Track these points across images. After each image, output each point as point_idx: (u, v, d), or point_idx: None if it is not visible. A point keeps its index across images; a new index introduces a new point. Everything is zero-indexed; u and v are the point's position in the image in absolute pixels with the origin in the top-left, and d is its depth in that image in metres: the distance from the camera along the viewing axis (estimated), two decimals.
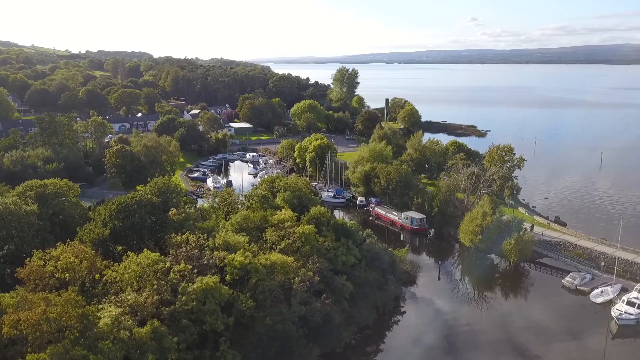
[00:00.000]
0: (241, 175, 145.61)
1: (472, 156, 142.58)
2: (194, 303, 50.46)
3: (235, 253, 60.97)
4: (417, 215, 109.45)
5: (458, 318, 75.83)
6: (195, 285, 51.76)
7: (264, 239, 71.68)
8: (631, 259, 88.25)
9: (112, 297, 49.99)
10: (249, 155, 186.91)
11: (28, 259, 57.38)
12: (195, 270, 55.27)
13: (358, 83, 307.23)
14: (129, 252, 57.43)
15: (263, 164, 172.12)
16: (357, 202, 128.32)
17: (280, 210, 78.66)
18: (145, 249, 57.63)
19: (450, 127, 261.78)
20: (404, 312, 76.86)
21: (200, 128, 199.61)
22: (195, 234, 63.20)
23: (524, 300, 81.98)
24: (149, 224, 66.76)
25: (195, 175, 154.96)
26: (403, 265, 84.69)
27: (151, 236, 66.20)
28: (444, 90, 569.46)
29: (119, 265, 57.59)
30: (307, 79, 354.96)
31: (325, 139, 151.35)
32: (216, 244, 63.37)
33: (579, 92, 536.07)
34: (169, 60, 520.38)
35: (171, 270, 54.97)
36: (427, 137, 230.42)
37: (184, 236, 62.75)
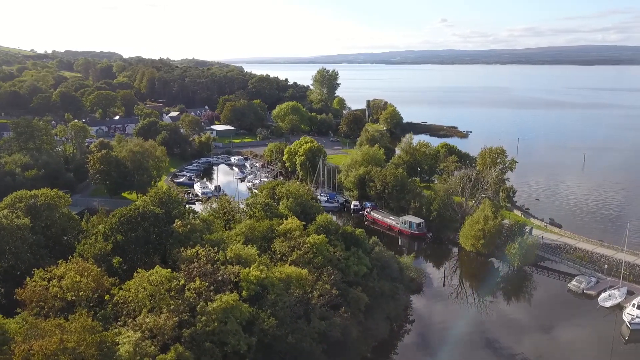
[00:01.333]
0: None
1: (463, 158, 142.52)
2: (215, 324, 47.50)
3: (249, 267, 58.32)
4: (415, 220, 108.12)
5: (469, 326, 74.43)
6: (215, 305, 48.79)
7: (273, 249, 68.92)
8: (632, 261, 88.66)
9: (129, 321, 46.52)
10: (234, 159, 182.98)
11: (28, 278, 53.43)
12: (212, 288, 52.21)
13: (338, 84, 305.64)
14: (138, 269, 53.92)
15: (250, 168, 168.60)
16: (352, 207, 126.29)
17: (286, 219, 76.16)
18: (157, 266, 54.18)
19: (432, 129, 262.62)
20: (413, 321, 75.14)
21: (182, 131, 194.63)
22: (205, 247, 60.05)
23: (533, 305, 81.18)
24: (154, 237, 63.22)
25: (181, 180, 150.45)
26: (409, 272, 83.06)
27: (156, 250, 62.73)
28: (420, 91, 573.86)
29: (126, 283, 54.22)
30: (286, 79, 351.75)
31: (316, 142, 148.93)
32: (227, 258, 60.38)
33: (551, 92, 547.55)
34: (141, 61, 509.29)
35: (186, 288, 51.78)
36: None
37: (193, 250, 59.53)
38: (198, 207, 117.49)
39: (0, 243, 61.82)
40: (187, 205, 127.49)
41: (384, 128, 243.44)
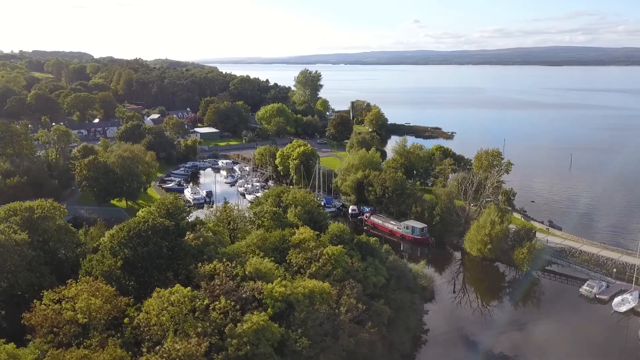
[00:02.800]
0: (244, 188, 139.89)
1: (458, 161, 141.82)
2: (248, 347, 44.41)
3: (270, 282, 55.32)
4: (418, 225, 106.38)
5: (486, 334, 72.95)
6: (245, 326, 45.68)
7: (288, 261, 65.96)
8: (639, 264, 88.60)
9: (157, 348, 42.98)
10: (221, 163, 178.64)
11: (36, 302, 49.35)
12: (237, 307, 49.04)
13: (321, 86, 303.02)
14: (157, 289, 50.32)
15: (239, 172, 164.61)
16: (349, 211, 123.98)
17: (297, 228, 73.32)
18: (178, 285, 50.67)
19: (416, 130, 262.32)
20: (428, 330, 73.31)
21: (167, 134, 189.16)
22: (224, 262, 56.73)
23: (547, 312, 80.00)
24: (165, 251, 59.53)
25: (170, 186, 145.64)
26: (421, 280, 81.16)
27: (169, 266, 59.06)
28: (398, 91, 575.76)
29: (143, 303, 50.63)
30: (267, 80, 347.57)
31: (309, 145, 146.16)
32: (247, 272, 57.18)
33: (527, 93, 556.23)
34: (114, 61, 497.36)
35: (210, 308, 48.48)
36: (395, 140, 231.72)
37: (211, 265, 56.16)
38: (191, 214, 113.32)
39: (1, 262, 57.26)
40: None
41: (369, 130, 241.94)
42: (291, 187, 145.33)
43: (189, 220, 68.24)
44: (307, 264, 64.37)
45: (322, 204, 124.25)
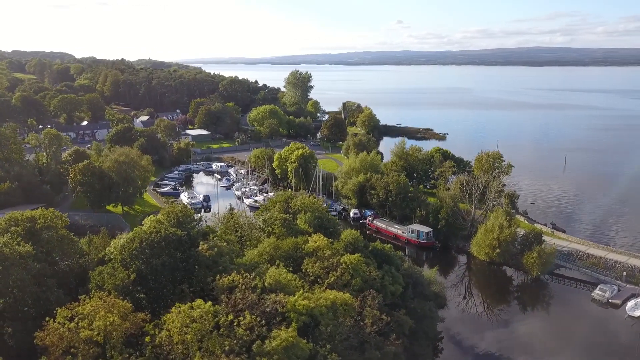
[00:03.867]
0: (241, 191, 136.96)
1: (458, 163, 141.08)
2: None
3: (292, 294, 53.37)
4: (423, 229, 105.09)
5: (500, 341, 71.85)
6: (274, 343, 43.60)
7: (304, 271, 63.90)
8: None
9: None
10: (215, 166, 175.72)
11: (50, 320, 46.62)
12: (263, 322, 46.91)
13: (312, 87, 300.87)
14: (178, 304, 47.94)
15: (235, 175, 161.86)
16: (351, 215, 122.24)
17: (309, 236, 71.37)
18: (199, 300, 48.32)
19: (408, 131, 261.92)
20: (442, 338, 71.79)
21: (159, 137, 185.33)
22: (242, 273, 54.49)
23: (561, 317, 79.24)
24: (180, 263, 57.06)
25: (165, 190, 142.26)
26: (434, 287, 79.59)
27: (183, 278, 56.57)
28: (385, 92, 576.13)
29: (162, 319, 48.24)
30: (256, 81, 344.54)
31: (307, 148, 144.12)
32: (266, 284, 55.03)
33: (512, 93, 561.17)
34: (97, 61, 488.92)
35: (234, 324, 46.26)
36: (388, 141, 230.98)
37: (229, 277, 53.89)
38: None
39: (4, 276, 54.25)
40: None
41: (362, 131, 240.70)
42: (289, 190, 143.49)
43: (206, 228, 65.74)
44: (324, 274, 62.43)
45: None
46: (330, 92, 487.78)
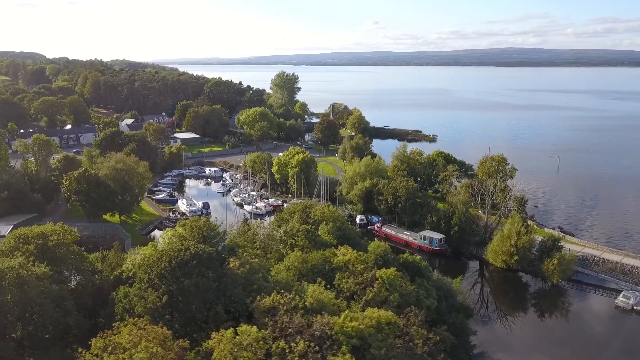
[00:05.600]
0: (240, 198, 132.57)
1: (460, 167, 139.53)
2: None
3: (335, 314, 50.37)
4: (436, 236, 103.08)
5: (531, 351, 70.09)
6: None
7: (337, 286, 60.89)
8: None
9: None
10: (208, 170, 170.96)
11: (84, 351, 42.53)
12: (316, 347, 43.78)
13: (299, 88, 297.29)
14: (222, 330, 44.46)
15: (231, 180, 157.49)
16: (357, 221, 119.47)
17: (335, 248, 68.45)
18: (245, 325, 44.89)
19: (398, 133, 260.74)
20: (474, 345, 69.69)
21: (148, 141, 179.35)
22: (282, 293, 51.21)
23: (588, 326, 78.10)
24: (212, 283, 53.36)
25: (161, 197, 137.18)
26: (459, 297, 77.50)
27: (217, 299, 52.92)
28: (366, 93, 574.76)
29: (199, 346, 44.73)
30: (240, 82, 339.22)
31: (308, 152, 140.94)
32: (307, 304, 51.84)
33: (491, 94, 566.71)
34: (74, 62, 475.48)
35: (286, 351, 43.01)
36: (378, 143, 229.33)
37: (269, 298, 50.55)
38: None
39: (24, 301, 49.77)
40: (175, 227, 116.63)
41: (352, 133, 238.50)
42: (289, 195, 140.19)
43: (234, 242, 62.12)
44: (360, 290, 59.58)
45: None
46: (312, 93, 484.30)
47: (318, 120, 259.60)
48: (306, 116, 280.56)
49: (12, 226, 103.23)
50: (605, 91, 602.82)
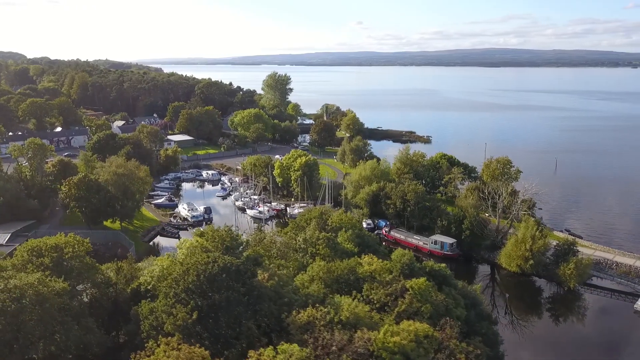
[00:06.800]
0: (242, 201, 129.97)
1: (464, 169, 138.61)
2: None
3: (375, 329, 48.43)
4: (447, 240, 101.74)
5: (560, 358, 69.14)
6: None
7: (366, 297, 58.82)
8: None
9: None
10: (205, 174, 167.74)
11: None
12: None
13: (291, 89, 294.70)
14: (262, 349, 42.17)
15: (230, 184, 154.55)
16: (364, 226, 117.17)
17: (359, 257, 66.45)
18: (285, 343, 42.65)
19: (392, 134, 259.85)
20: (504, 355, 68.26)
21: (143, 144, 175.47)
22: (317, 307, 49.08)
23: (609, 331, 77.32)
24: (243, 297, 50.92)
25: (160, 201, 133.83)
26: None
27: (248, 314, 50.49)
28: (353, 94, 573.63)
29: None
30: (230, 83, 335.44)
31: (310, 155, 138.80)
32: (343, 318, 49.75)
33: (477, 94, 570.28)
34: (56, 62, 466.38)
35: None
36: (373, 145, 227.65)
37: (305, 313, 48.38)
38: (188, 235, 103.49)
39: (45, 319, 46.86)
40: (178, 233, 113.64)
41: (346, 134, 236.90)
42: (292, 199, 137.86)
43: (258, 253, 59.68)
44: (391, 301, 57.64)
45: None
46: (300, 93, 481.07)
47: (311, 121, 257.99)
48: (299, 117, 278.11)
49: (10, 234, 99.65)
50: (590, 91, 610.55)
